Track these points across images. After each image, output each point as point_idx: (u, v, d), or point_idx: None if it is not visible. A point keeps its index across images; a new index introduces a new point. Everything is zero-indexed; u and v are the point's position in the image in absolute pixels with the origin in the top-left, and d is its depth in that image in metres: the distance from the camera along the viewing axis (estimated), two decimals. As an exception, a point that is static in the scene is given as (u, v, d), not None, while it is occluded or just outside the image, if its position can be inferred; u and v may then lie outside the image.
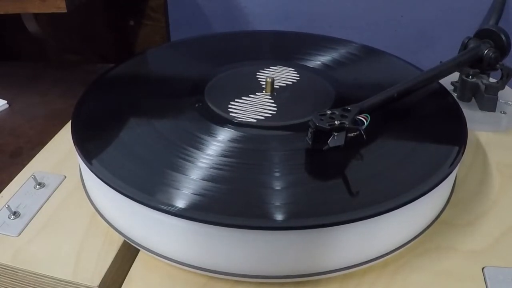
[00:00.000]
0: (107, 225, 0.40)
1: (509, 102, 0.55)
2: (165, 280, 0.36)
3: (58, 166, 0.47)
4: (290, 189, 0.37)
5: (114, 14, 0.80)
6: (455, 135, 0.43)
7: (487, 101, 0.54)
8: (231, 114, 0.44)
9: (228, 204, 0.35)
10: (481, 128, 0.53)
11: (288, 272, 0.35)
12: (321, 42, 0.60)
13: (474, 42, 0.55)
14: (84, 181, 0.44)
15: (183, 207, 0.34)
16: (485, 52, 0.53)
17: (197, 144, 0.41)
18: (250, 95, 0.48)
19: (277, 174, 0.38)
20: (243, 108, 0.45)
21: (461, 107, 0.48)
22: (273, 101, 0.47)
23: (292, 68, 0.54)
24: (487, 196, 0.44)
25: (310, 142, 0.39)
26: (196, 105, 0.46)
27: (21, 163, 0.48)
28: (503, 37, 0.54)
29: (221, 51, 0.59)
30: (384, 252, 0.37)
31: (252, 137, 0.42)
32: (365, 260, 0.36)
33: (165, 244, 0.36)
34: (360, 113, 0.41)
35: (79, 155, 0.41)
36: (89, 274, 0.36)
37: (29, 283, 0.38)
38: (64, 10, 0.51)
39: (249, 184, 0.37)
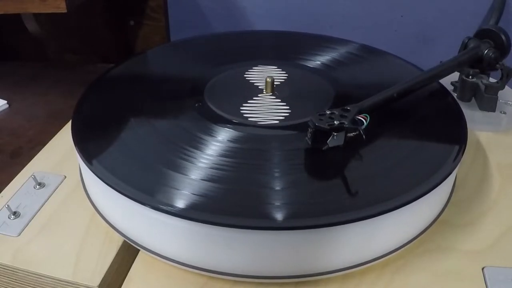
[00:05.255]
0: (107, 225, 0.40)
1: (509, 102, 0.55)
2: (165, 280, 0.36)
3: (58, 166, 0.47)
4: (290, 189, 0.37)
5: (114, 14, 0.80)
6: (455, 135, 0.43)
7: (487, 101, 0.54)
8: (249, 119, 0.44)
9: (228, 204, 0.35)
10: (481, 128, 0.53)
11: (288, 272, 0.35)
12: (321, 42, 0.60)
13: (474, 42, 0.55)
14: (84, 181, 0.44)
15: (183, 207, 0.34)
16: (485, 52, 0.53)
17: (197, 144, 0.41)
18: (253, 97, 0.48)
19: (277, 174, 0.38)
20: (256, 111, 0.45)
21: (461, 107, 0.48)
22: (279, 100, 0.47)
23: (275, 66, 0.54)
24: (487, 196, 0.44)
25: (310, 142, 0.39)
26: (196, 105, 0.46)
27: (21, 163, 0.48)
28: (503, 37, 0.54)
29: (221, 51, 0.59)
30: (384, 252, 0.37)
31: (252, 137, 0.42)
32: (365, 260, 0.36)
33: (165, 244, 0.36)
34: (359, 113, 0.41)
35: (79, 155, 0.41)
36: (89, 274, 0.36)
37: (29, 283, 0.38)
38: (64, 10, 0.51)
39: (249, 184, 0.37)
